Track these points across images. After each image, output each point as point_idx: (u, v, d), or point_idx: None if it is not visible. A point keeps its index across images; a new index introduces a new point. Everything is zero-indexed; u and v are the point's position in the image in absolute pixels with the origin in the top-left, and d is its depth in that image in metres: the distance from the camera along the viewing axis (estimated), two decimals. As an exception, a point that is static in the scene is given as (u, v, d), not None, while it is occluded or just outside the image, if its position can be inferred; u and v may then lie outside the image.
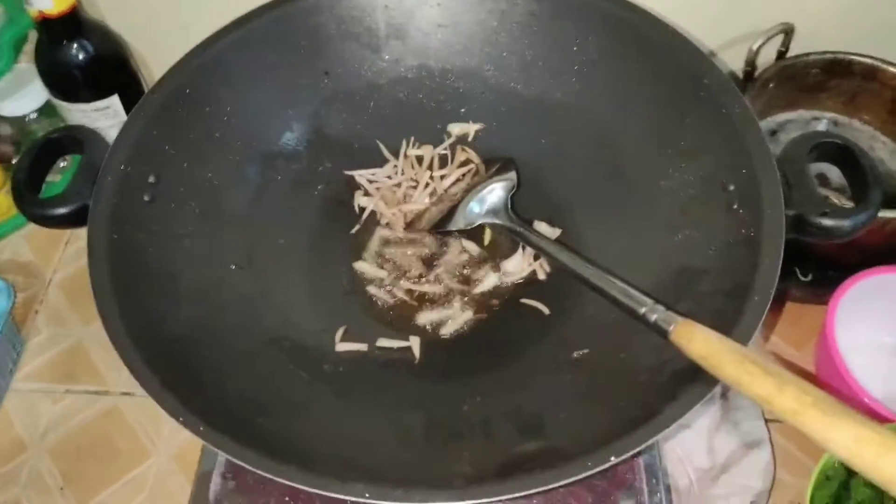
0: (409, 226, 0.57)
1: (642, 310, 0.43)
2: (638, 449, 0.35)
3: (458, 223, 0.55)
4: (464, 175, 0.59)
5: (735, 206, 0.45)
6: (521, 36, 0.57)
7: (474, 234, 0.57)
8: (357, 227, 0.58)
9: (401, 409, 0.45)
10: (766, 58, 0.66)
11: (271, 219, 0.55)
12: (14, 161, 0.79)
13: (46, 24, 0.64)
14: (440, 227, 0.56)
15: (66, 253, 0.74)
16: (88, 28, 0.66)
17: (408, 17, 0.58)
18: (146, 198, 0.49)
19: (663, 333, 0.41)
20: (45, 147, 0.49)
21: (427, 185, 0.58)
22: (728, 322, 0.39)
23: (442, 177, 0.59)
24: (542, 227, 0.55)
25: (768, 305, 0.39)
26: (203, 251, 0.50)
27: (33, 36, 0.68)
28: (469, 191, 0.57)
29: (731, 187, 0.46)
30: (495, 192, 0.55)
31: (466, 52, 0.59)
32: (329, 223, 0.57)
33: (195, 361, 0.44)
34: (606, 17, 0.54)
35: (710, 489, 0.54)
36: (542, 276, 0.54)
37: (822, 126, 0.70)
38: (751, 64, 0.66)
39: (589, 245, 0.52)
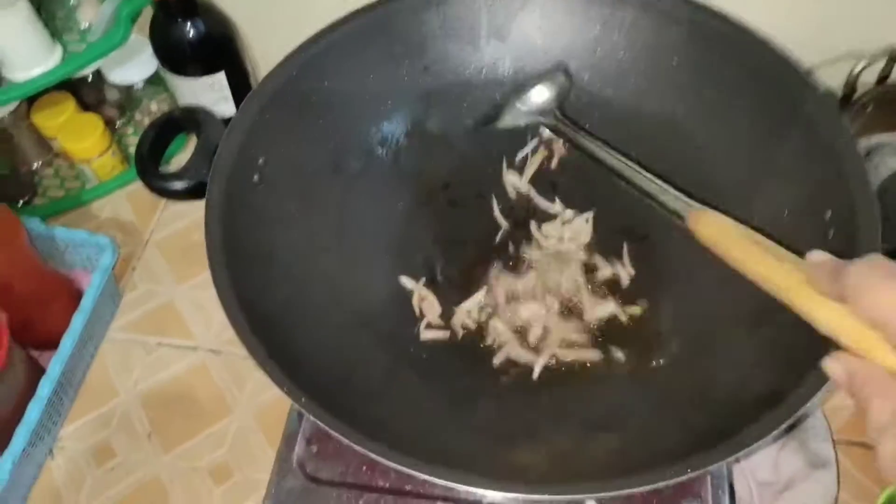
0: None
1: (664, 196, 0.46)
2: (716, 465, 0.36)
3: (506, 122, 0.58)
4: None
5: (830, 235, 0.45)
6: (621, 45, 0.58)
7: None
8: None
9: (474, 398, 0.48)
10: (865, 79, 0.65)
11: (364, 206, 0.57)
12: (118, 124, 0.84)
13: (164, 3, 0.67)
14: (486, 124, 0.59)
15: (164, 215, 0.77)
16: (202, 8, 0.69)
17: (510, 18, 0.59)
18: (255, 179, 0.52)
19: (681, 217, 0.44)
20: (166, 124, 0.52)
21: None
22: (812, 353, 0.40)
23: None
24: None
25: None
26: (300, 233, 0.53)
27: (146, 10, 0.72)
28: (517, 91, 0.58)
29: (828, 215, 0.46)
30: (542, 93, 0.57)
31: (564, 56, 0.60)
32: (418, 215, 0.59)
33: (290, 337, 0.46)
34: (710, 33, 0.54)
35: (770, 504, 0.55)
36: (625, 282, 0.55)
37: (917, 152, 0.68)
38: (851, 86, 0.65)
39: (673, 257, 0.53)
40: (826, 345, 0.40)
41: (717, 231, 0.40)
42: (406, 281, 0.56)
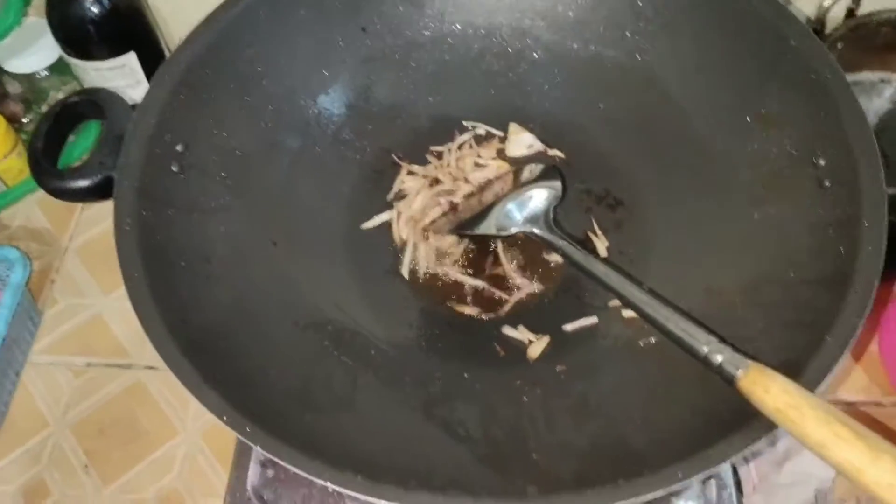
0: (429, 225, 0.52)
1: (704, 349, 0.37)
2: (735, 456, 0.32)
3: (490, 227, 0.50)
4: (498, 177, 0.54)
5: (827, 183, 0.41)
6: (578, -12, 0.52)
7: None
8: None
9: (452, 401, 0.42)
10: (833, 14, 0.61)
11: (308, 190, 0.51)
12: (24, 120, 0.75)
13: (58, -26, 0.60)
14: (466, 229, 0.51)
15: (82, 217, 0.70)
16: (104, -22, 0.61)
17: (453, -35, 0.54)
18: (174, 168, 0.45)
19: (729, 380, 0.35)
20: (62, 113, 0.45)
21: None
22: (825, 314, 0.36)
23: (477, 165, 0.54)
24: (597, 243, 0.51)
25: (872, 297, 0.35)
26: (237, 226, 0.47)
27: (41, -13, 0.64)
28: (506, 194, 0.52)
29: (822, 161, 0.42)
30: (537, 199, 0.50)
31: (517, 7, 0.54)
32: (370, 193, 0.54)
33: (233, 351, 0.40)
34: (676, -31, 0.49)
35: (771, 478, 0.51)
36: (602, 252, 0.50)
37: (890, 89, 0.65)
38: (820, 22, 0.61)
39: (656, 223, 0.48)
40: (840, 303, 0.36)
41: (786, 401, 0.32)
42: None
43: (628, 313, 0.45)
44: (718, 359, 0.36)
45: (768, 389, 0.33)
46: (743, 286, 0.42)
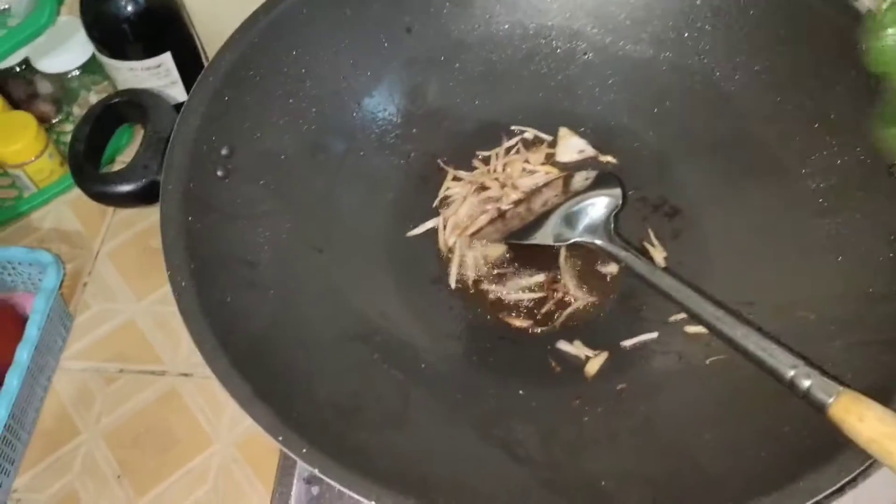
0: (476, 233, 0.51)
1: (789, 373, 0.34)
2: (829, 490, 0.29)
3: (546, 237, 0.48)
4: (547, 184, 0.52)
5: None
6: (633, -12, 0.50)
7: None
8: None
9: (508, 419, 0.40)
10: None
11: (352, 196, 0.50)
12: (54, 120, 0.74)
13: (93, -27, 0.58)
14: (519, 238, 0.49)
15: (115, 220, 0.69)
16: (138, -23, 0.60)
17: (502, -37, 0.52)
18: (220, 173, 0.44)
19: (819, 406, 0.33)
20: (103, 115, 0.43)
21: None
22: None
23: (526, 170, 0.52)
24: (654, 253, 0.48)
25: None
26: (281, 233, 0.45)
27: (76, -14, 0.63)
28: (560, 202, 0.49)
29: (905, 170, 0.39)
30: (597, 207, 0.48)
31: (567, 7, 0.52)
32: (415, 200, 0.52)
33: (283, 365, 0.39)
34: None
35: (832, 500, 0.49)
36: (660, 262, 0.48)
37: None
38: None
39: (716, 233, 0.46)
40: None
41: (882, 431, 0.30)
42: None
43: (692, 329, 0.43)
44: (806, 384, 0.34)
45: (863, 418, 0.31)
46: (816, 301, 0.40)
